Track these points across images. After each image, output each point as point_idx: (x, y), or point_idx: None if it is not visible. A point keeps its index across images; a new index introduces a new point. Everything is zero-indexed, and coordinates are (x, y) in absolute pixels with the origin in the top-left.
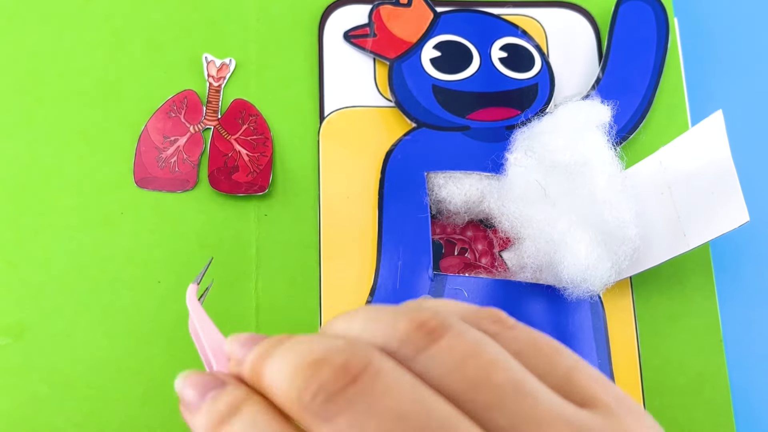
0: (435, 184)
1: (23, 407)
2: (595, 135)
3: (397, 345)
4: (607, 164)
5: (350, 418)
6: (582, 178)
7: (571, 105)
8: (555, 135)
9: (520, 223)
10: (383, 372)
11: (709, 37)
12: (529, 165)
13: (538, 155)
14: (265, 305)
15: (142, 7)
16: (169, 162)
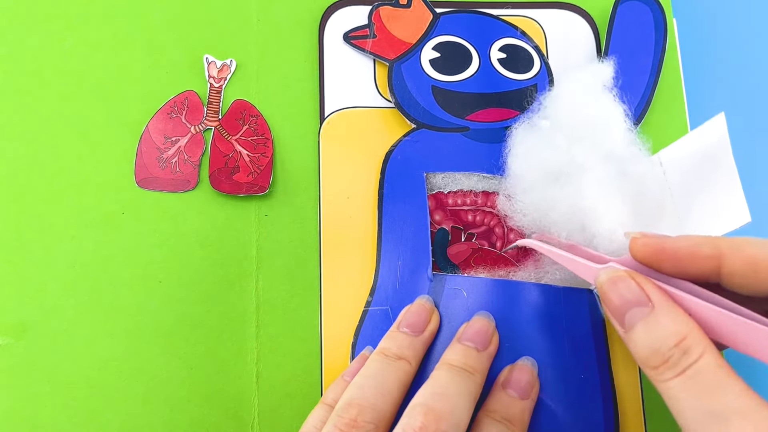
0: (434, 184)
1: (24, 406)
2: (604, 93)
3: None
4: (621, 120)
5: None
6: (605, 135)
7: (574, 71)
8: (571, 94)
9: (541, 209)
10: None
11: (707, 38)
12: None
13: (559, 122)
14: (265, 305)
15: (143, 8)
16: (170, 162)
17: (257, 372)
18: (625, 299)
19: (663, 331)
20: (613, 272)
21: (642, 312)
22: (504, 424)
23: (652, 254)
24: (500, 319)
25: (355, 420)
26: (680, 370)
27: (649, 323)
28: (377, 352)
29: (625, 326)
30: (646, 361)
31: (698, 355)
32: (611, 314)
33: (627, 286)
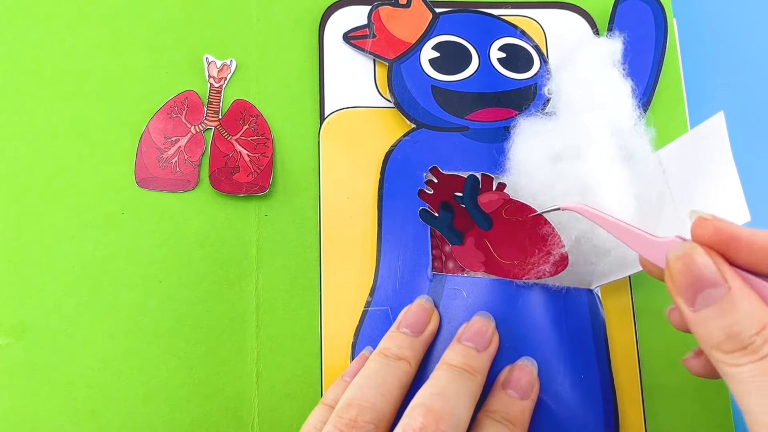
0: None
1: (24, 407)
2: (611, 68)
3: None
4: (628, 95)
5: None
6: (613, 108)
7: (583, 45)
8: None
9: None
10: None
11: (708, 37)
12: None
13: (563, 98)
14: (265, 305)
15: (143, 8)
16: (170, 162)
17: (257, 372)
18: (700, 277)
19: (743, 316)
20: (691, 246)
21: (718, 293)
22: (504, 425)
23: (723, 241)
24: (500, 319)
25: (355, 420)
26: (759, 357)
27: (725, 306)
28: (377, 352)
29: (695, 306)
30: (718, 345)
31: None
32: (680, 291)
33: (704, 263)
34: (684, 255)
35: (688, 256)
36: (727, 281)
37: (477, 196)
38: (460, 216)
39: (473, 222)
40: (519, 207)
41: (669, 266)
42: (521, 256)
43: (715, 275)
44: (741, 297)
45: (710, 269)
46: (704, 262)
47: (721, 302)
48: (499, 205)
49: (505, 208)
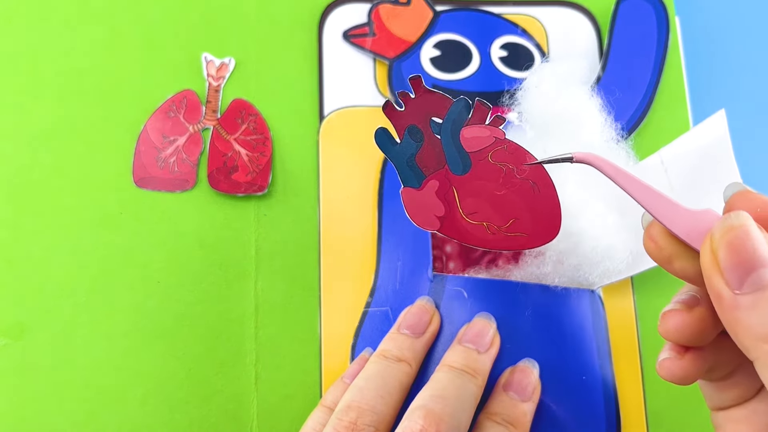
0: None
1: (23, 407)
2: (577, 87)
3: None
4: (596, 113)
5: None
6: (577, 129)
7: (548, 64)
8: (539, 88)
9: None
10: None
11: (710, 35)
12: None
13: (529, 115)
14: (264, 305)
15: (141, 6)
16: (169, 162)
17: (256, 373)
18: (754, 256)
19: None
20: (745, 219)
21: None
22: (505, 426)
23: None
24: (501, 320)
25: (354, 423)
26: None
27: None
28: (377, 353)
29: (743, 288)
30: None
31: None
32: (725, 269)
33: (758, 240)
34: (740, 226)
35: (744, 228)
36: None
37: (462, 127)
38: (430, 150)
39: (444, 160)
40: (513, 151)
41: (714, 240)
42: (496, 219)
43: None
44: None
45: (765, 246)
46: (760, 238)
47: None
48: (488, 144)
49: (494, 149)
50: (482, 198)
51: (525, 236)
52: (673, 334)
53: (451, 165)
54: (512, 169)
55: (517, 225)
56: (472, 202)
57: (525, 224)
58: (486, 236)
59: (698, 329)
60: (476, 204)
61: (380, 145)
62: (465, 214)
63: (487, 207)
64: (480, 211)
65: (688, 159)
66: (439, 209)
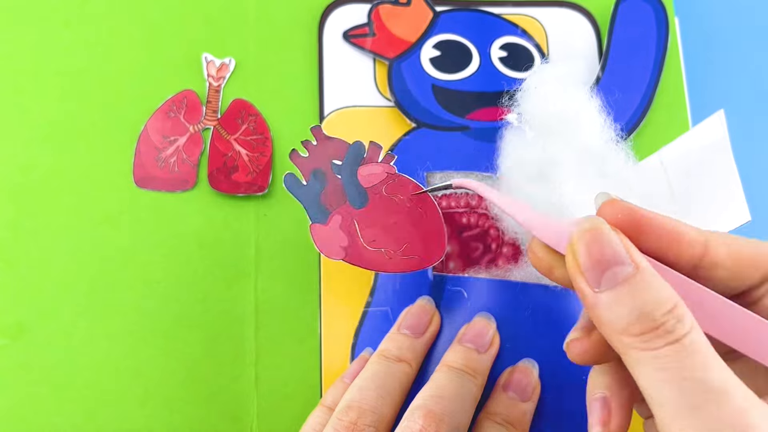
0: (432, 184)
1: (22, 408)
2: (577, 88)
3: None
4: (595, 115)
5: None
6: (577, 130)
7: (547, 66)
8: (540, 89)
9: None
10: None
11: (709, 36)
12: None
13: (529, 116)
14: (264, 306)
15: (141, 6)
16: (169, 162)
17: (256, 373)
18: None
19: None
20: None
21: (625, 272)
22: (505, 426)
23: (631, 224)
24: (501, 320)
25: (355, 423)
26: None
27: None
28: (377, 353)
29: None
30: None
31: (690, 326)
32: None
33: (612, 239)
34: (592, 229)
35: (596, 231)
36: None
37: (358, 167)
38: (332, 189)
39: (345, 197)
40: (403, 183)
41: (573, 243)
42: (392, 245)
43: (623, 253)
44: (651, 275)
45: (618, 246)
46: (612, 238)
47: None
48: (382, 179)
49: (387, 183)
50: (379, 227)
51: (417, 258)
52: (581, 361)
53: (351, 200)
54: (402, 199)
55: (410, 248)
56: (371, 231)
57: (417, 247)
58: (385, 261)
59: (601, 350)
60: (374, 233)
61: (288, 188)
62: (366, 243)
63: (383, 235)
64: (378, 239)
65: (688, 159)
66: (344, 240)
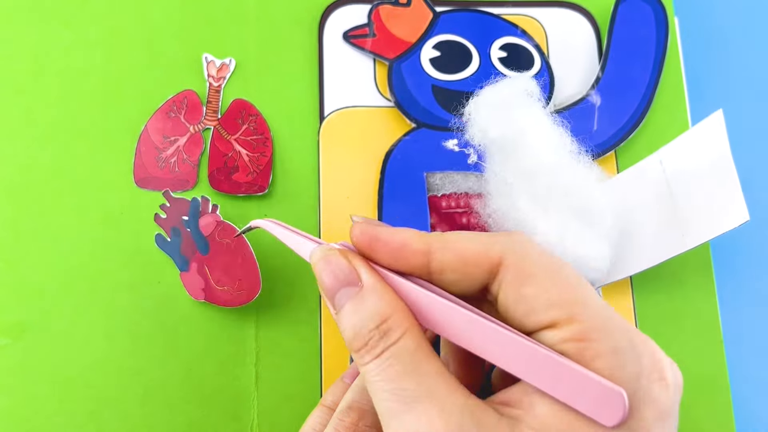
0: (432, 184)
1: (23, 407)
2: (526, 106)
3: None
4: (547, 132)
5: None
6: (523, 150)
7: (494, 83)
8: (477, 113)
9: (500, 216)
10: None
11: (709, 36)
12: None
13: (474, 139)
14: (264, 305)
15: (142, 7)
16: (169, 162)
17: (256, 373)
18: (336, 278)
19: (366, 312)
20: (327, 249)
21: (351, 292)
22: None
23: (367, 243)
24: None
25: (356, 424)
26: (377, 353)
27: (355, 304)
28: None
29: (336, 307)
30: (349, 345)
31: (397, 337)
32: (324, 294)
33: (338, 263)
34: (321, 258)
35: (324, 258)
36: (360, 279)
37: (198, 219)
38: (186, 241)
39: (195, 247)
40: (226, 228)
41: (314, 270)
42: (230, 282)
43: (348, 274)
44: (370, 292)
45: (342, 268)
46: (337, 262)
47: (353, 300)
48: (214, 227)
49: (218, 230)
50: (221, 269)
51: (245, 292)
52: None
53: (200, 248)
54: (228, 242)
55: (242, 284)
56: (217, 273)
57: (246, 282)
58: (228, 297)
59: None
60: (219, 274)
61: (160, 246)
62: (215, 283)
63: (223, 275)
64: (221, 278)
65: (687, 159)
66: (201, 283)
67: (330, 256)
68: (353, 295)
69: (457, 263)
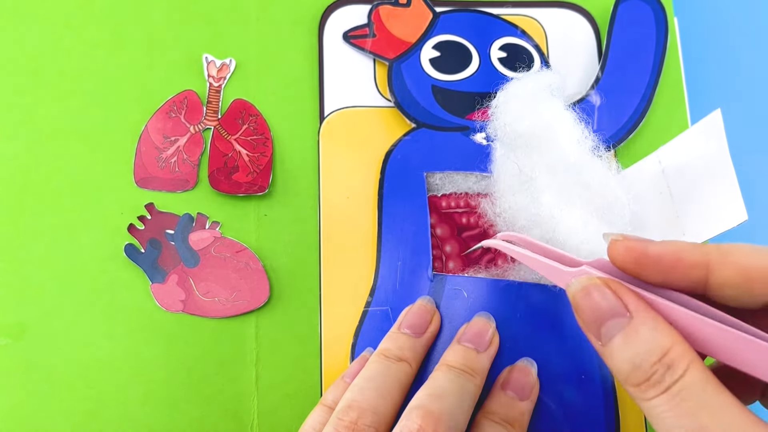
0: (432, 184)
1: (23, 407)
2: (550, 100)
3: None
4: (570, 126)
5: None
6: (549, 144)
7: (519, 77)
8: (506, 106)
9: (512, 215)
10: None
11: (709, 36)
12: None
13: (500, 133)
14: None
15: (142, 7)
16: (169, 162)
17: (257, 373)
18: (600, 310)
19: (644, 345)
20: (587, 280)
21: (619, 324)
22: (503, 426)
23: (634, 260)
24: (500, 320)
25: (355, 423)
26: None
27: (628, 336)
28: (378, 353)
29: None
30: (627, 379)
31: (683, 370)
32: (585, 327)
33: (602, 294)
34: (581, 289)
35: (585, 290)
36: (628, 308)
37: (188, 234)
38: (167, 253)
39: (179, 259)
40: (228, 244)
41: (572, 303)
42: (223, 294)
43: (614, 305)
44: (643, 323)
45: (609, 300)
46: (601, 294)
47: (623, 332)
48: (210, 242)
49: (215, 245)
50: (211, 281)
51: (246, 302)
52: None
53: (185, 261)
54: (230, 256)
55: (239, 295)
56: (205, 285)
57: (245, 293)
58: (218, 307)
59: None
60: (208, 286)
61: (129, 256)
62: (201, 295)
63: (216, 286)
64: (211, 290)
65: (685, 158)
66: (181, 295)
67: (591, 286)
68: (623, 327)
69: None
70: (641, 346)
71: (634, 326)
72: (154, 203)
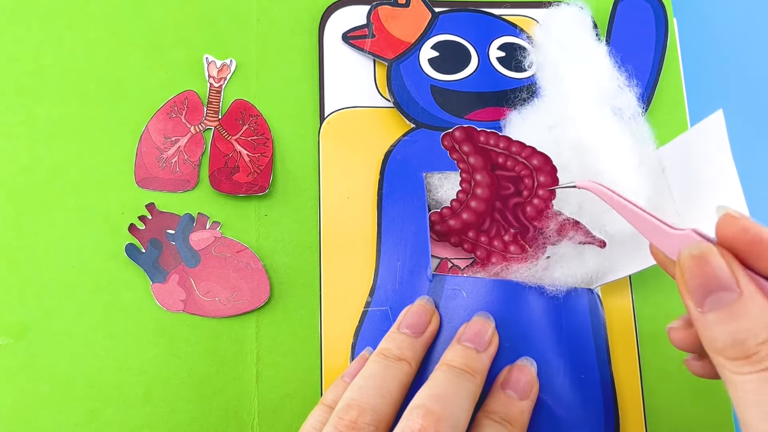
0: (431, 184)
1: (24, 407)
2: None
3: None
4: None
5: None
6: (585, 66)
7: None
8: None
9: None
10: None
11: (708, 35)
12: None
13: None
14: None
15: (143, 7)
16: (170, 162)
17: (257, 372)
18: (712, 279)
19: (751, 323)
20: (705, 247)
21: (729, 297)
22: (503, 425)
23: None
24: (500, 320)
25: (355, 422)
26: (762, 368)
27: (735, 311)
28: (377, 353)
29: (704, 307)
30: (722, 350)
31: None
32: (687, 291)
33: (719, 265)
34: (699, 255)
35: (703, 257)
36: (740, 286)
37: (189, 234)
38: (168, 253)
39: (180, 259)
40: (229, 244)
41: (681, 263)
42: (224, 293)
43: (729, 278)
44: (752, 303)
45: (724, 272)
46: (718, 264)
47: (731, 306)
48: (211, 242)
49: (215, 245)
50: (212, 280)
51: (246, 302)
52: (678, 345)
53: (186, 261)
54: (230, 256)
55: (240, 295)
56: (205, 284)
57: (245, 293)
58: (219, 307)
59: (697, 342)
60: (209, 285)
61: (129, 256)
62: (201, 295)
63: (217, 286)
64: (212, 290)
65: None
66: (182, 294)
67: (709, 254)
68: (731, 301)
69: None
70: (748, 323)
71: (743, 302)
72: (154, 203)
